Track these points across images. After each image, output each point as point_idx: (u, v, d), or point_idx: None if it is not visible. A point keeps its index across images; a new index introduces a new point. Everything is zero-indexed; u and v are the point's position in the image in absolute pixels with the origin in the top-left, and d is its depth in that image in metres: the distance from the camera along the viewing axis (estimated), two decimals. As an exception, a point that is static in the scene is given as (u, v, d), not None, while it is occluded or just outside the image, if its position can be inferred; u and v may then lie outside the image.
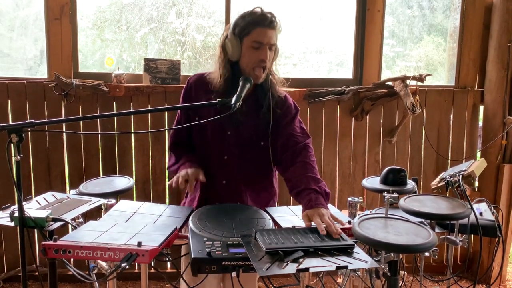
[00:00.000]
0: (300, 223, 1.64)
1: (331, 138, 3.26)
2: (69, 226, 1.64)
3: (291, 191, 1.77)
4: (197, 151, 1.95)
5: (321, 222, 1.52)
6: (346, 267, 1.28)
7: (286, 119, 1.89)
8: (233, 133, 1.87)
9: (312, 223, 1.56)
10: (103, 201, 1.83)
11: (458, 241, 1.87)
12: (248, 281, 1.88)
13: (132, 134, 3.12)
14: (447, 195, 2.10)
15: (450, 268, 2.01)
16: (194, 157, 1.90)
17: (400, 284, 1.70)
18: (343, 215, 1.81)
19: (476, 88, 3.39)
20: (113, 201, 1.84)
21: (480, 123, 3.43)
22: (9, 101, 2.95)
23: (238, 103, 1.61)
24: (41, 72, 3.14)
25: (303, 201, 1.66)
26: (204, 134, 1.91)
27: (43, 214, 1.53)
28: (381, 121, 3.30)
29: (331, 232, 1.48)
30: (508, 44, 3.16)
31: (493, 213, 1.97)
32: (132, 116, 3.08)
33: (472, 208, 1.77)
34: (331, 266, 1.27)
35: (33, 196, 1.87)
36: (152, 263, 1.42)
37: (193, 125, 1.89)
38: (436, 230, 1.90)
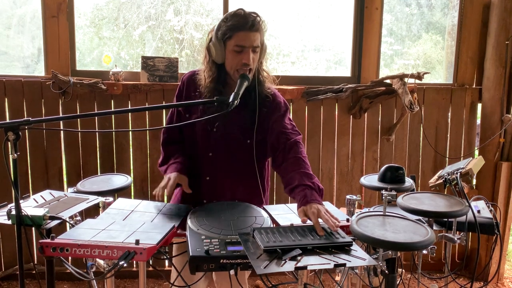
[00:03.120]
0: (298, 220, 1.63)
1: (329, 136, 3.26)
2: (67, 224, 1.64)
3: (285, 188, 1.77)
4: (186, 147, 1.96)
5: (318, 221, 1.52)
6: (344, 264, 1.29)
7: (275, 116, 1.89)
8: (219, 131, 1.87)
9: (309, 221, 1.56)
10: (100, 199, 1.83)
11: (456, 239, 1.87)
12: (239, 278, 1.89)
13: (130, 132, 3.12)
14: (445, 193, 2.11)
15: (448, 266, 2.01)
16: (181, 158, 1.89)
17: (398, 282, 1.71)
18: (341, 213, 1.81)
19: (474, 86, 3.39)
20: (111, 199, 1.84)
21: (478, 121, 3.44)
22: (6, 99, 2.95)
23: (236, 101, 1.61)
24: (39, 70, 3.13)
25: (298, 197, 1.66)
26: (192, 131, 1.91)
27: (40, 212, 1.53)
28: (379, 119, 3.30)
29: (329, 226, 1.48)
30: (506, 42, 3.17)
31: (490, 210, 1.97)
32: (129, 114, 3.08)
33: (470, 206, 1.77)
34: (329, 263, 1.27)
35: (31, 194, 1.86)
36: (150, 261, 1.41)
37: (183, 122, 1.89)
38: (434, 228, 1.91)
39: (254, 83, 1.83)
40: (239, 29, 1.72)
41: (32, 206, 1.71)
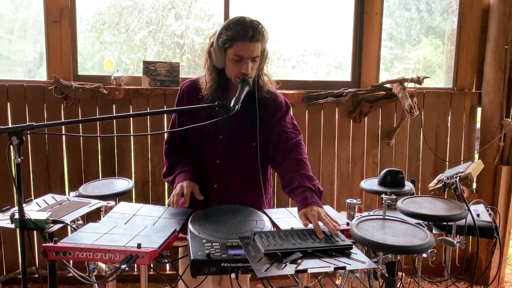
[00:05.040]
0: (298, 224, 1.65)
1: (330, 140, 3.27)
2: (69, 228, 1.65)
3: (285, 188, 1.78)
4: (191, 157, 1.96)
5: (318, 224, 1.53)
6: (344, 267, 1.29)
7: (276, 116, 1.90)
8: (225, 138, 1.88)
9: (310, 225, 1.58)
10: (102, 203, 1.84)
11: (455, 243, 1.88)
12: (241, 282, 1.89)
13: (131, 136, 3.13)
14: (445, 196, 2.12)
15: (448, 270, 2.02)
16: (188, 167, 1.89)
17: (398, 285, 1.71)
18: (341, 217, 1.82)
19: (473, 90, 3.40)
20: (112, 203, 1.85)
21: (478, 125, 3.45)
22: (8, 103, 2.96)
23: (237, 106, 1.62)
24: (41, 75, 3.14)
25: (298, 199, 1.67)
26: (197, 140, 1.92)
27: (43, 216, 1.53)
28: (379, 123, 3.31)
29: (329, 229, 1.49)
30: (505, 47, 3.18)
31: (490, 214, 1.98)
32: (131, 118, 3.09)
33: (469, 210, 1.78)
34: (329, 267, 1.28)
35: (33, 198, 1.87)
36: (152, 265, 1.42)
37: (187, 130, 1.89)
38: (434, 231, 1.92)
39: (254, 88, 1.84)
40: (239, 39, 1.72)
41: (35, 210, 1.72)
